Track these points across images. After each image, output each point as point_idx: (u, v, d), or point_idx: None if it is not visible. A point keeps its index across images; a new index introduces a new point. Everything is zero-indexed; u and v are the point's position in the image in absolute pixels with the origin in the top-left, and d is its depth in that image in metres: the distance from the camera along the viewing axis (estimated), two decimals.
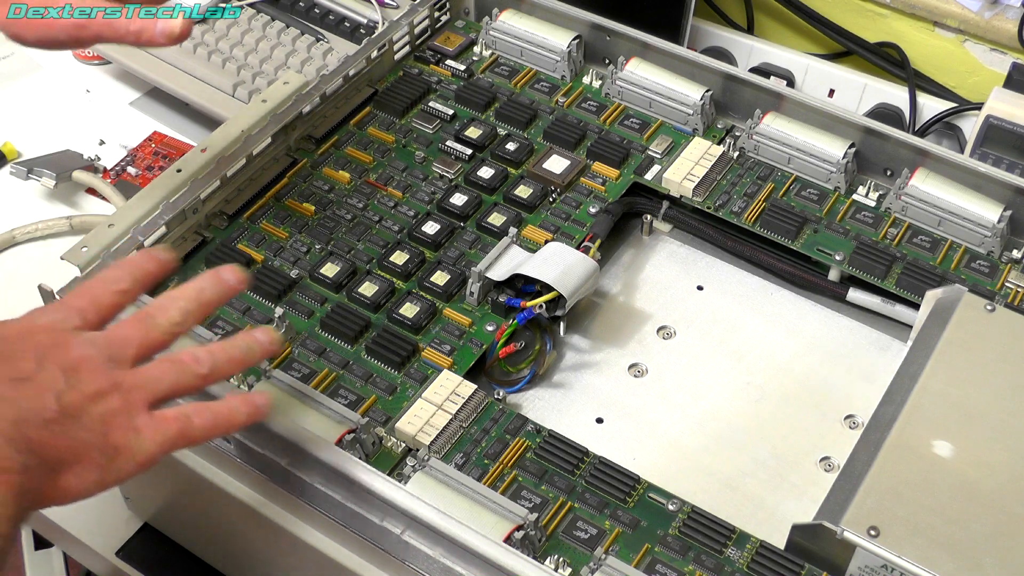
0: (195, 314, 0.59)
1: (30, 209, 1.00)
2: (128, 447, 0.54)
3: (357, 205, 0.82)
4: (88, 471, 0.53)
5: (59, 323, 0.56)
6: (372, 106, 0.89)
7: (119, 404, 0.54)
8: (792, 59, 1.13)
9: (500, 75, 0.93)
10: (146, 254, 0.61)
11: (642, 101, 0.89)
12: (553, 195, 0.83)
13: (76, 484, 0.53)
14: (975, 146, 0.98)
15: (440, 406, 0.69)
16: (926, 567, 0.59)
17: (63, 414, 0.52)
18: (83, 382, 0.53)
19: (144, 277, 0.60)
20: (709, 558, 0.63)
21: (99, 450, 0.53)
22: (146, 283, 0.60)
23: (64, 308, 0.57)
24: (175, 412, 0.56)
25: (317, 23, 1.12)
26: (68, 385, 0.53)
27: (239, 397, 0.60)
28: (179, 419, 0.56)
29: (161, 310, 0.58)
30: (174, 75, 1.07)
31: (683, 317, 0.80)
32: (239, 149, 0.80)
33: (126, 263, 0.60)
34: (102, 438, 0.53)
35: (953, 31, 1.11)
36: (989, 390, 0.67)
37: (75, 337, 0.55)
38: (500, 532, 0.61)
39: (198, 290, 0.60)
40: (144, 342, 0.57)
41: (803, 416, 0.74)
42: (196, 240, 0.79)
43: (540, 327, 0.75)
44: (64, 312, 0.57)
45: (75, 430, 0.52)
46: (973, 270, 0.79)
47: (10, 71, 1.15)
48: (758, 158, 0.86)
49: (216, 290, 0.60)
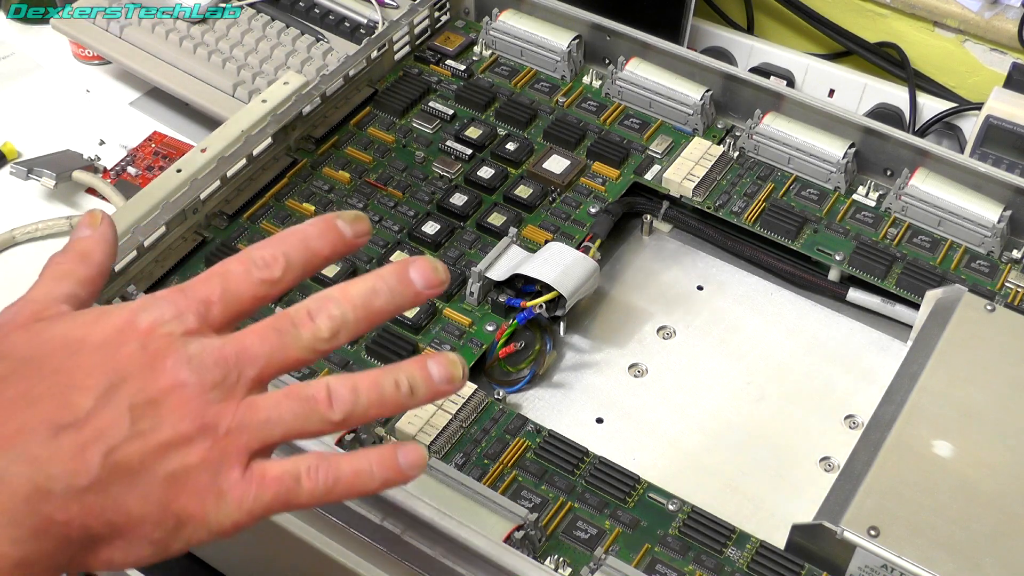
0: (353, 329, 0.44)
1: (30, 209, 1.00)
2: (201, 516, 0.41)
3: (357, 205, 0.82)
4: (135, 546, 0.40)
5: (166, 324, 0.42)
6: (372, 106, 0.89)
7: (203, 456, 0.40)
8: (792, 59, 1.13)
9: (500, 75, 0.93)
10: (320, 229, 0.45)
11: (642, 101, 0.89)
12: (553, 195, 0.83)
13: (118, 558, 0.41)
14: (975, 146, 0.98)
15: (440, 406, 0.69)
16: (926, 567, 0.59)
17: (109, 477, 0.39)
18: (159, 425, 0.40)
19: (308, 262, 0.45)
20: (709, 558, 0.63)
21: (154, 523, 0.40)
22: (308, 270, 0.45)
23: (183, 299, 0.43)
24: (280, 471, 0.42)
25: (317, 23, 1.12)
26: (133, 432, 0.40)
27: (380, 453, 0.43)
28: (283, 481, 0.42)
29: (309, 317, 0.43)
30: (174, 75, 1.07)
31: (683, 317, 0.80)
32: (239, 149, 0.80)
33: (288, 237, 0.45)
34: (161, 508, 0.40)
35: (953, 31, 1.11)
36: (989, 390, 0.67)
37: (177, 351, 0.41)
38: (500, 532, 0.61)
39: (369, 293, 0.44)
40: (272, 363, 0.43)
41: (803, 416, 0.74)
42: (196, 240, 0.79)
43: (540, 327, 0.75)
44: (181, 306, 0.43)
45: (122, 498, 0.40)
46: (973, 270, 0.79)
47: (10, 71, 1.15)
48: (758, 158, 0.86)
49: (393, 296, 0.44)
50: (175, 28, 1.09)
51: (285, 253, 0.44)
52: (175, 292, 0.43)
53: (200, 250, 0.78)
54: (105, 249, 0.47)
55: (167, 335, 0.42)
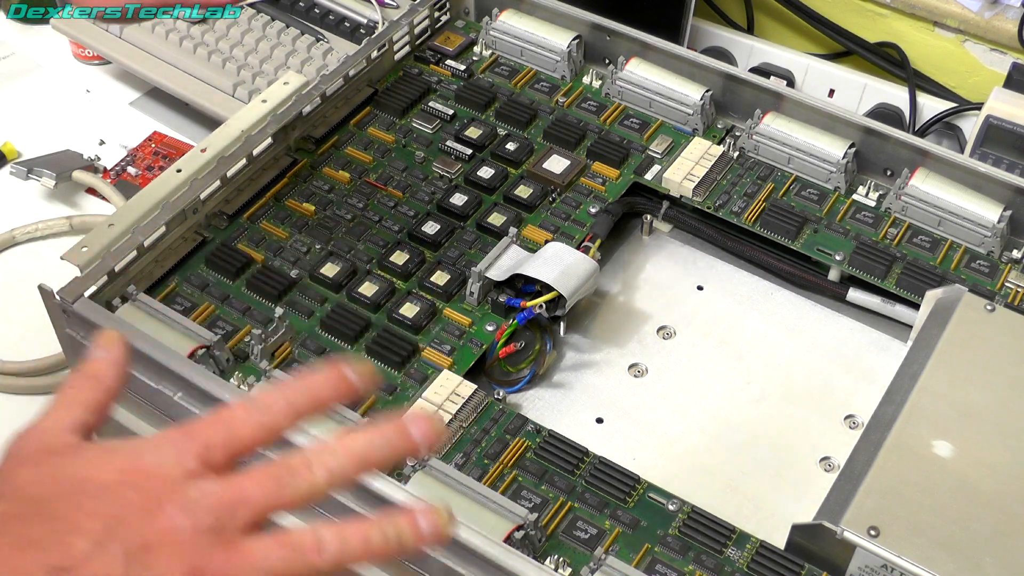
0: (350, 478, 0.45)
1: (30, 209, 1.00)
2: None
3: (357, 205, 0.82)
4: None
5: (170, 467, 0.43)
6: (372, 106, 0.89)
7: None
8: (792, 59, 1.13)
9: (500, 75, 0.93)
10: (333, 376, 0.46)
11: (642, 101, 0.89)
12: (553, 195, 0.83)
13: None
14: (975, 146, 0.98)
15: (440, 406, 0.69)
16: (926, 567, 0.59)
17: None
18: (150, 570, 0.41)
19: (308, 409, 0.46)
20: (709, 558, 0.63)
21: None
22: (307, 416, 0.46)
23: (187, 441, 0.44)
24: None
25: (317, 23, 1.12)
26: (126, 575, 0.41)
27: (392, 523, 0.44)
28: None
29: (307, 468, 0.44)
30: (174, 75, 1.07)
31: (683, 317, 0.80)
32: (239, 149, 0.80)
33: (297, 387, 0.46)
34: None
35: (953, 31, 1.11)
36: (989, 390, 0.67)
37: (176, 496, 0.43)
38: (500, 532, 0.61)
39: (366, 445, 0.45)
40: (268, 508, 0.44)
41: (803, 416, 0.74)
42: (196, 240, 0.79)
43: (540, 327, 0.75)
44: (184, 447, 0.44)
45: None
46: (973, 270, 0.79)
47: (10, 71, 1.15)
48: (758, 158, 0.86)
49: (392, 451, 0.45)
50: (175, 28, 1.09)
51: (290, 402, 0.46)
52: (180, 433, 0.45)
53: (200, 250, 0.78)
54: (117, 372, 0.49)
55: (169, 478, 0.43)
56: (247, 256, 0.78)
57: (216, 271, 0.77)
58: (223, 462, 0.45)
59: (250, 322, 0.74)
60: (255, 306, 0.75)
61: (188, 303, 0.75)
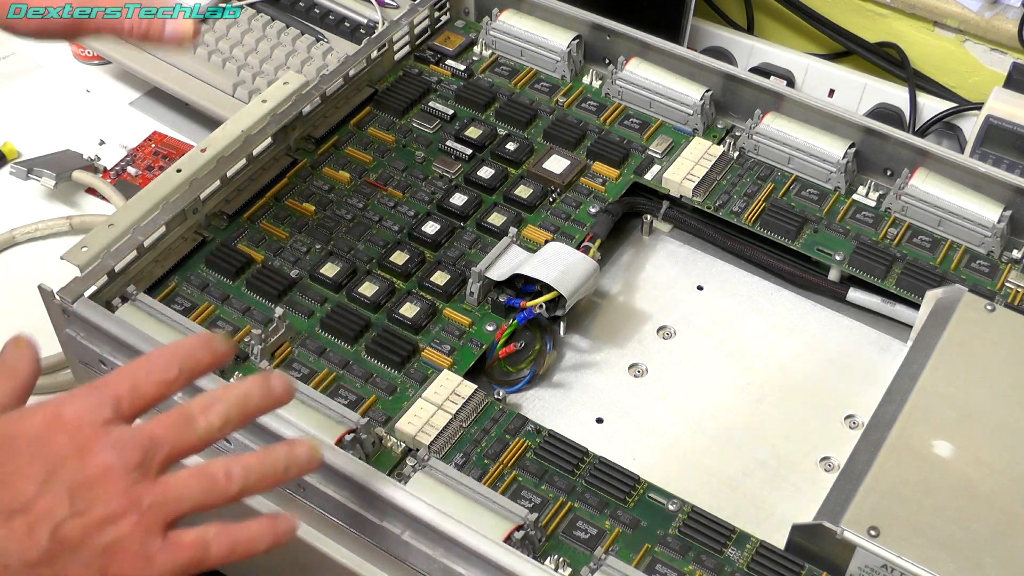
0: (236, 422, 0.53)
1: (30, 209, 1.00)
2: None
3: (357, 205, 0.82)
4: None
5: (88, 414, 0.50)
6: (372, 106, 0.89)
7: (131, 528, 0.49)
8: (792, 59, 1.13)
9: (500, 75, 0.93)
10: (202, 342, 0.54)
11: (642, 101, 0.89)
12: (553, 195, 0.83)
13: None
14: (975, 146, 0.98)
15: (440, 406, 0.69)
16: (926, 567, 0.59)
17: (55, 550, 0.48)
18: (95, 504, 0.48)
19: (194, 368, 0.54)
20: (709, 558, 0.63)
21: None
22: (195, 375, 0.54)
23: (99, 394, 0.51)
24: (193, 538, 0.51)
25: (317, 23, 1.12)
26: (73, 511, 0.48)
27: (263, 523, 0.53)
28: (196, 546, 0.51)
29: (202, 412, 0.52)
30: (174, 75, 1.07)
31: (683, 317, 0.80)
32: (239, 149, 0.80)
33: (178, 349, 0.54)
34: (98, 573, 0.48)
35: (953, 31, 1.11)
36: (989, 390, 0.67)
37: (101, 437, 0.50)
38: (500, 532, 0.61)
39: (244, 396, 0.54)
40: (177, 447, 0.51)
41: (803, 416, 0.74)
42: (196, 240, 0.79)
43: (540, 327, 0.75)
44: (98, 399, 0.51)
45: (67, 568, 0.48)
46: (973, 270, 0.79)
47: (10, 71, 1.15)
48: (758, 158, 0.86)
49: (263, 400, 0.54)
50: None
51: (180, 360, 0.53)
52: (91, 389, 0.52)
53: (200, 250, 0.78)
54: (29, 366, 0.55)
55: (91, 424, 0.50)
56: (247, 256, 0.78)
57: (216, 271, 0.77)
58: (130, 412, 0.52)
59: (250, 322, 0.74)
60: (255, 306, 0.75)
61: (188, 303, 0.75)
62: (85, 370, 0.73)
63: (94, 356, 0.70)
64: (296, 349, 0.73)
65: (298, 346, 0.73)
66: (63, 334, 0.72)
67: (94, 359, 0.71)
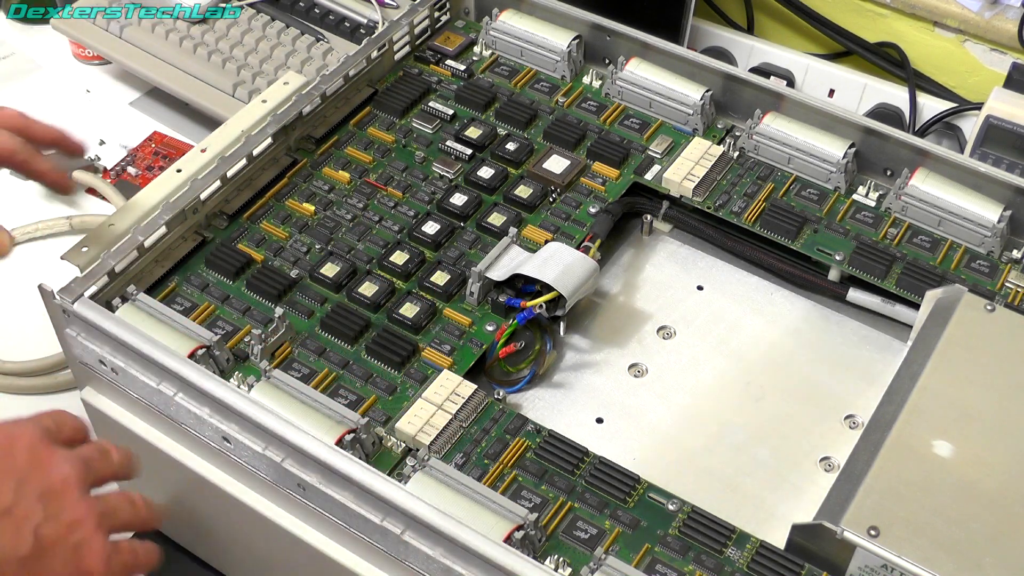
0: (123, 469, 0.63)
1: (30, 209, 1.00)
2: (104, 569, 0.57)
3: (357, 205, 0.82)
4: None
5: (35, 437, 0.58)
6: (372, 106, 0.89)
7: (92, 531, 0.57)
8: (792, 59, 1.13)
9: (500, 75, 0.93)
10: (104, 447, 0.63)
11: (642, 101, 0.89)
12: (553, 195, 0.83)
13: None
14: (975, 146, 0.98)
15: (440, 406, 0.69)
16: (926, 567, 0.59)
17: (39, 548, 0.55)
18: (62, 509, 0.56)
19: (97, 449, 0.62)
20: (709, 558, 0.63)
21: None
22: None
23: (35, 424, 0.59)
24: (126, 544, 0.61)
25: (317, 23, 1.12)
26: (47, 515, 0.55)
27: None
28: (130, 551, 0.60)
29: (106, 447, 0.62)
30: (174, 75, 1.07)
31: (683, 317, 0.80)
32: (239, 149, 0.80)
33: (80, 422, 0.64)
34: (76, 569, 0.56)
35: (953, 31, 1.11)
36: (989, 390, 0.67)
37: (54, 454, 0.58)
38: (500, 532, 0.61)
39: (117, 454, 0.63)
40: (103, 472, 0.60)
41: (803, 416, 0.74)
42: (196, 240, 0.79)
43: (540, 327, 0.75)
44: (35, 425, 0.59)
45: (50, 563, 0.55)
46: (973, 270, 0.79)
47: (10, 71, 1.15)
48: (758, 158, 0.86)
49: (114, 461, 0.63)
50: (175, 28, 1.09)
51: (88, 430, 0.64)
52: (29, 421, 0.60)
53: (200, 250, 0.78)
54: None
55: (42, 443, 0.58)
56: (247, 256, 0.78)
57: (216, 271, 0.77)
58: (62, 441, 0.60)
59: (250, 322, 0.74)
60: (255, 306, 0.75)
61: (188, 303, 0.75)
62: (85, 370, 0.73)
63: (94, 356, 0.70)
64: (296, 349, 0.73)
65: (298, 346, 0.73)
66: (63, 334, 0.72)
67: (94, 359, 0.71)
